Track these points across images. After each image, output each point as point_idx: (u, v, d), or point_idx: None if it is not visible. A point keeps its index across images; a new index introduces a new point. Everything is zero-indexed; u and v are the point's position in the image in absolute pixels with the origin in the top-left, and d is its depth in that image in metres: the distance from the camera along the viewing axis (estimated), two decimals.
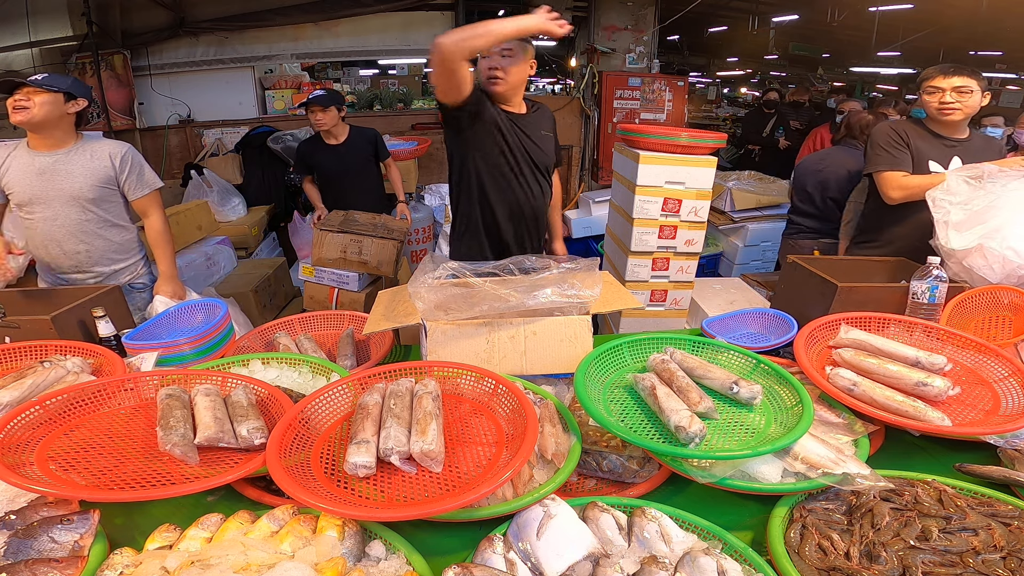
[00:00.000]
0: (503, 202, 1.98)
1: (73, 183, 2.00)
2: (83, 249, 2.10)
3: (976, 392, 1.28)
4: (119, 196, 2.14)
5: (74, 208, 2.03)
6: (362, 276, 3.21)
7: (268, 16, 4.84)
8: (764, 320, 1.75)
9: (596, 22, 5.40)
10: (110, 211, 2.12)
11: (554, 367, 1.38)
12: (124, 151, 2.08)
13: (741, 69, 15.05)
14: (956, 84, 1.97)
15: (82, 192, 2.02)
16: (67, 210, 2.03)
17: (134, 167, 2.10)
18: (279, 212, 4.59)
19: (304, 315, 1.81)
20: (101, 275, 2.16)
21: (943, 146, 2.07)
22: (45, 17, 4.65)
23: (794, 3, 7.38)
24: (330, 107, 3.16)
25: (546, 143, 2.05)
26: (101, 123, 4.82)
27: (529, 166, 1.98)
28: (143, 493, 0.93)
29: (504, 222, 2.01)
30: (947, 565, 0.87)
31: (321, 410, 1.15)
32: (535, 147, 1.99)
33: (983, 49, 8.48)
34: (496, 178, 1.94)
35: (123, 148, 2.09)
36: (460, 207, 2.03)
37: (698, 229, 2.84)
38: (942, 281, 1.53)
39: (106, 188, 2.07)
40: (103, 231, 2.11)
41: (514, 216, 2.02)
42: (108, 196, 2.09)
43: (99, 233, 2.10)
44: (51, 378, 1.25)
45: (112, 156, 2.05)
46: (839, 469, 0.99)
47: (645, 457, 1.11)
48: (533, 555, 0.84)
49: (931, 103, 2.04)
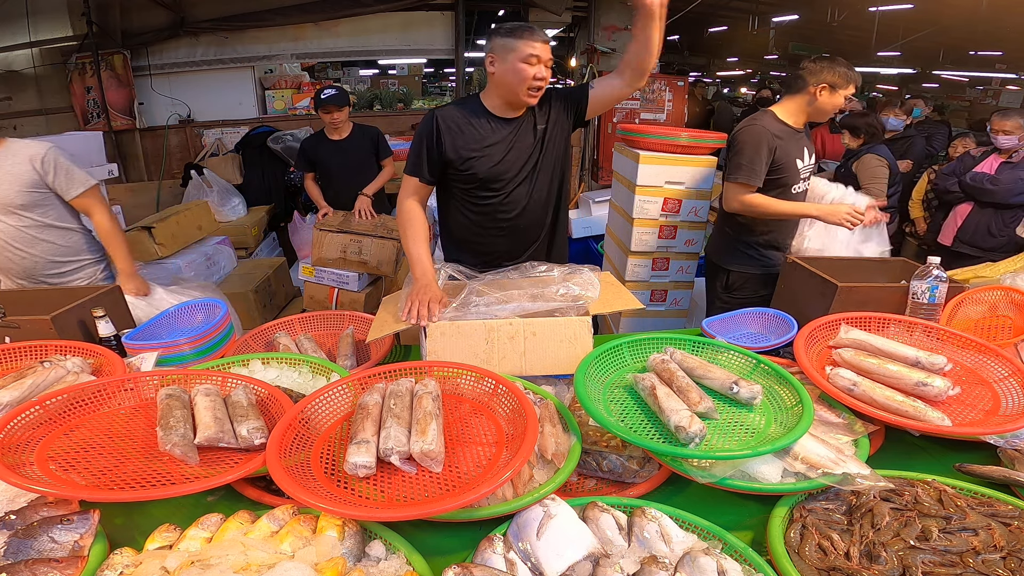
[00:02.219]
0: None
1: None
2: (28, 254, 2.04)
3: (976, 392, 1.28)
4: (55, 198, 2.05)
5: (8, 216, 1.98)
6: (362, 276, 3.21)
7: (268, 16, 4.84)
8: (764, 320, 1.75)
9: (596, 22, 5.40)
10: (47, 214, 2.04)
11: (553, 368, 1.38)
12: (44, 152, 1.98)
13: (741, 69, 15.06)
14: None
15: (9, 199, 1.95)
16: (1, 218, 1.98)
17: (59, 168, 2.00)
18: (279, 212, 4.58)
19: (304, 315, 1.81)
20: (56, 276, 2.11)
21: (800, 138, 2.17)
22: (45, 17, 4.65)
23: (794, 3, 7.38)
24: (344, 106, 3.25)
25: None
26: (101, 123, 4.82)
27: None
28: (143, 493, 0.93)
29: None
30: (947, 565, 0.87)
31: (321, 410, 1.15)
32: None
33: (983, 49, 8.50)
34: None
35: (43, 149, 1.98)
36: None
37: (698, 229, 2.84)
38: (942, 281, 1.53)
39: (35, 192, 1.99)
40: (43, 235, 2.05)
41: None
42: (40, 200, 2.01)
43: (39, 238, 2.04)
44: (51, 378, 1.25)
45: (32, 159, 1.96)
46: (839, 469, 0.99)
47: (645, 457, 1.11)
48: (533, 555, 0.84)
49: (837, 105, 2.11)
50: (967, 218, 3.16)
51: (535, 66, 1.62)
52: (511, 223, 1.84)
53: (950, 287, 1.57)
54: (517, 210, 1.83)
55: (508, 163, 1.76)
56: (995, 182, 3.00)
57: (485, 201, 1.82)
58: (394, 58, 6.10)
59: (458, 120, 1.73)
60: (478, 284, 1.51)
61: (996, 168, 3.07)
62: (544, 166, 1.81)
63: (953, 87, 11.75)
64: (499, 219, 1.84)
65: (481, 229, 1.87)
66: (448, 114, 1.74)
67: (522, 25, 1.64)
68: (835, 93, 2.05)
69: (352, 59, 6.47)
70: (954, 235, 3.23)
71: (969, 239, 3.14)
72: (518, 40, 1.60)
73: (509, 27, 1.64)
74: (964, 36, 7.52)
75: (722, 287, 2.34)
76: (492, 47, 1.66)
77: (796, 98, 2.12)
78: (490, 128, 1.74)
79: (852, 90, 2.08)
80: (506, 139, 1.75)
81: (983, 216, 3.09)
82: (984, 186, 3.03)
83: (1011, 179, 2.96)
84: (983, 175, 3.06)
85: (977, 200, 3.11)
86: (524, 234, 1.88)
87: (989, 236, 3.07)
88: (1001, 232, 3.04)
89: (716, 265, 2.38)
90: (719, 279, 2.36)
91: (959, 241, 3.19)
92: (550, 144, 1.80)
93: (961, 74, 10.90)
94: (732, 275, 2.30)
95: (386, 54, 5.49)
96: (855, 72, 2.06)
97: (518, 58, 1.61)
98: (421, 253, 1.64)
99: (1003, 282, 1.67)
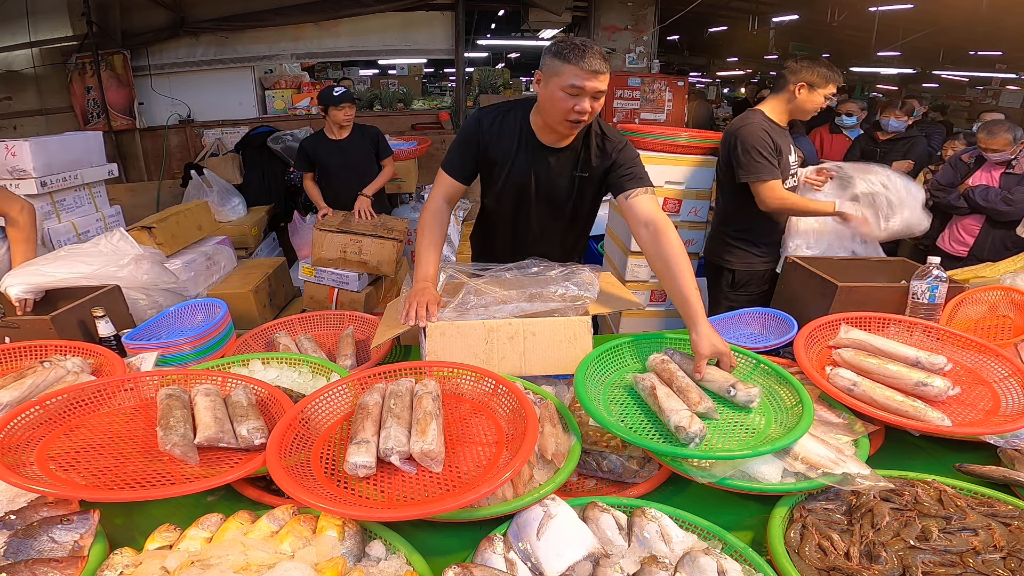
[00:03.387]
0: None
1: None
2: None
3: (976, 392, 1.28)
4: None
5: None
6: (362, 276, 3.21)
7: (268, 16, 4.85)
8: (764, 320, 1.75)
9: (596, 22, 5.40)
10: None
11: (553, 368, 1.38)
12: None
13: (741, 69, 15.05)
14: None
15: None
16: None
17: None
18: (279, 212, 4.58)
19: (304, 315, 1.81)
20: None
21: (786, 135, 2.24)
22: (45, 17, 4.65)
23: (794, 3, 7.38)
24: (354, 104, 3.30)
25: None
26: (101, 123, 4.83)
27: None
28: (143, 493, 0.93)
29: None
30: (947, 565, 0.87)
31: (321, 410, 1.15)
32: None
33: (983, 49, 8.50)
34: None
35: None
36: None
37: (698, 229, 2.84)
38: (942, 281, 1.53)
39: None
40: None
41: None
42: None
43: None
44: (51, 378, 1.25)
45: None
46: (839, 469, 0.99)
47: (645, 457, 1.11)
48: (533, 555, 0.84)
49: (817, 103, 2.15)
50: (979, 235, 3.05)
51: (576, 97, 1.40)
52: (515, 243, 1.80)
53: (950, 287, 1.57)
54: (525, 232, 1.79)
55: (524, 186, 1.67)
56: (1009, 201, 2.90)
57: (496, 210, 1.79)
58: (394, 58, 6.12)
59: (504, 126, 1.62)
60: (477, 283, 1.51)
61: (999, 180, 2.97)
62: (563, 207, 1.71)
63: (953, 87, 11.75)
64: (503, 232, 1.83)
65: (491, 238, 1.89)
66: (497, 118, 1.62)
67: (580, 47, 1.38)
68: (814, 92, 2.11)
69: (352, 59, 6.49)
70: (968, 252, 3.10)
71: (985, 256, 2.98)
72: (564, 64, 1.38)
73: (564, 44, 1.41)
74: (964, 36, 7.52)
75: (728, 285, 2.37)
76: (542, 62, 1.46)
77: (779, 96, 2.19)
78: (525, 142, 1.62)
79: (832, 89, 2.13)
80: (534, 161, 1.63)
81: (996, 233, 2.99)
82: (999, 208, 2.92)
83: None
84: (994, 192, 2.95)
85: (990, 218, 3.01)
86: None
87: (1005, 250, 2.92)
88: (1017, 245, 2.90)
89: (718, 266, 2.40)
90: (724, 278, 2.38)
91: (974, 258, 3.05)
92: (578, 189, 1.68)
93: (961, 74, 10.90)
94: (737, 273, 2.33)
95: (386, 54, 5.49)
96: (836, 72, 2.11)
97: (559, 85, 1.41)
98: (428, 257, 1.58)
99: (1003, 282, 1.67)
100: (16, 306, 1.68)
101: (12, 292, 1.66)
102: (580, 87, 1.39)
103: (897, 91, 11.23)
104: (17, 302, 1.68)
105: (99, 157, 3.38)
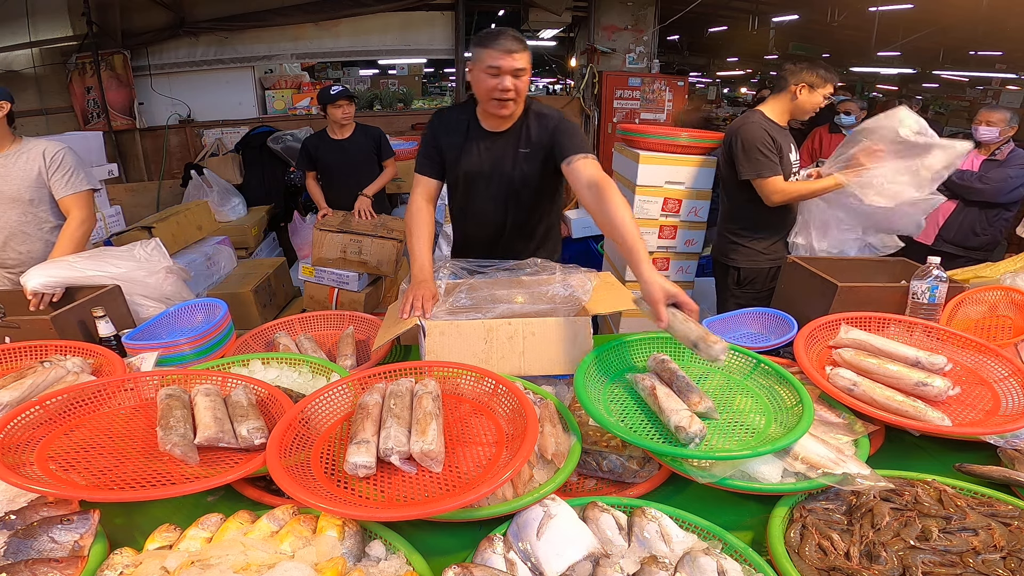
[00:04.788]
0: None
1: (11, 185, 1.96)
2: (24, 251, 2.05)
3: (976, 392, 1.28)
4: (51, 195, 2.05)
5: (14, 210, 1.99)
6: (362, 276, 3.21)
7: (268, 16, 4.84)
8: (764, 320, 1.75)
9: (596, 22, 5.40)
10: (53, 211, 2.06)
11: (553, 368, 1.38)
12: (57, 150, 2.00)
13: (741, 69, 15.04)
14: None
15: (20, 194, 1.98)
16: (7, 212, 1.99)
17: (64, 166, 2.01)
18: (279, 212, 4.58)
19: (304, 315, 1.81)
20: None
21: (787, 135, 2.30)
22: (45, 17, 4.64)
23: (794, 3, 7.38)
24: (353, 101, 3.31)
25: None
26: (101, 123, 4.82)
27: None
28: (143, 493, 0.93)
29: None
30: (947, 565, 0.87)
31: (321, 410, 1.15)
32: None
33: (983, 49, 8.49)
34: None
35: (57, 147, 2.00)
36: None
37: (698, 229, 2.84)
38: (942, 281, 1.53)
39: (42, 188, 2.01)
40: (46, 234, 2.06)
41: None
42: (45, 196, 2.03)
43: (39, 236, 2.05)
44: (51, 378, 1.25)
45: (45, 154, 1.98)
46: (839, 469, 0.99)
47: (645, 457, 1.11)
48: (533, 555, 0.84)
49: (816, 103, 2.22)
50: (950, 217, 3.09)
51: (497, 77, 1.56)
52: (485, 236, 1.88)
53: (950, 287, 1.57)
54: (489, 224, 1.85)
55: (477, 173, 1.77)
56: (984, 180, 2.94)
57: (459, 205, 1.87)
58: (394, 58, 6.10)
59: (451, 121, 1.77)
60: (475, 282, 1.51)
61: (980, 165, 3.01)
62: (515, 189, 1.77)
63: (953, 87, 11.74)
64: (472, 227, 1.90)
65: (464, 234, 1.95)
66: (445, 114, 1.80)
67: (494, 32, 1.57)
68: (814, 92, 2.19)
69: (352, 59, 6.47)
70: (936, 234, 3.14)
71: (952, 238, 3.08)
72: (483, 49, 1.56)
73: (483, 34, 1.60)
74: (964, 36, 7.51)
75: (734, 283, 2.42)
76: (470, 55, 1.65)
77: (779, 97, 2.26)
78: (471, 134, 1.74)
79: (831, 90, 2.21)
80: (480, 148, 1.74)
81: (968, 215, 3.03)
82: (973, 185, 2.97)
83: (1000, 177, 2.91)
84: (970, 173, 3.00)
85: (963, 199, 3.04)
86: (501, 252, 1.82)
87: (973, 235, 3.03)
88: (985, 231, 3.01)
89: (724, 264, 2.44)
90: (729, 276, 2.43)
91: (941, 239, 3.12)
92: (525, 167, 1.74)
93: (961, 74, 10.89)
94: (743, 271, 2.37)
95: (386, 54, 5.49)
96: (833, 73, 2.19)
97: (481, 68, 1.58)
98: (421, 251, 1.66)
99: (1003, 282, 1.67)
100: (31, 299, 1.70)
101: (29, 284, 1.68)
102: (497, 67, 1.55)
103: (897, 91, 11.21)
104: (32, 295, 1.69)
105: (99, 157, 3.39)
